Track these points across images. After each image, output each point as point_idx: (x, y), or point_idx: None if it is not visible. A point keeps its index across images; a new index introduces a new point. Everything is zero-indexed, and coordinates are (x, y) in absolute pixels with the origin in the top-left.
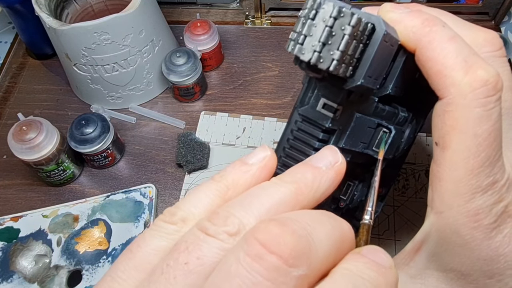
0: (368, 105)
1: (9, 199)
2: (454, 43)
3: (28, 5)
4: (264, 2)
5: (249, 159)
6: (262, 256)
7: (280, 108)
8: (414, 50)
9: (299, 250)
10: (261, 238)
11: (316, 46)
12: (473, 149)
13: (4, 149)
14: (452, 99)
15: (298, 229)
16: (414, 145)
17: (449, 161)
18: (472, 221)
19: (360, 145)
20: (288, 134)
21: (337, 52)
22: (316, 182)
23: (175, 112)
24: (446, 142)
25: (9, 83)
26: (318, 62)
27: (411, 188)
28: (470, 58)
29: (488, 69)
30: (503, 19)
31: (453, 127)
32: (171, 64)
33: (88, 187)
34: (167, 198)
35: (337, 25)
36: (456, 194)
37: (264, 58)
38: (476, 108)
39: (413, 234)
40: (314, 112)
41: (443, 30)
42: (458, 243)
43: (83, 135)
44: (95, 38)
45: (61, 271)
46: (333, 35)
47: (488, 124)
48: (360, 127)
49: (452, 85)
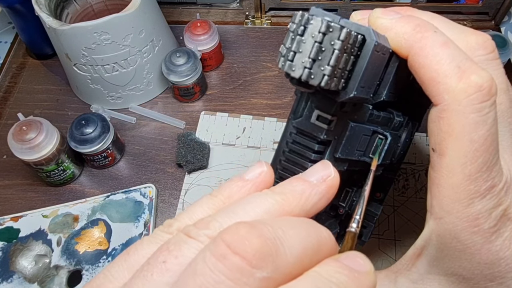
0: (363, 113)
1: (9, 199)
2: (446, 48)
3: (28, 5)
4: (264, 2)
5: (246, 174)
6: (226, 256)
7: (280, 108)
8: (406, 57)
9: (264, 252)
10: (227, 239)
11: (306, 62)
12: (470, 154)
13: (4, 149)
14: (446, 106)
15: (266, 232)
16: (414, 145)
17: (447, 168)
18: (471, 226)
19: (356, 153)
20: (283, 147)
21: (328, 67)
22: (305, 195)
23: (175, 112)
24: (443, 148)
25: (9, 83)
26: (309, 79)
27: (411, 188)
28: (463, 64)
29: (482, 74)
30: (503, 19)
31: (449, 133)
32: (171, 64)
33: (88, 187)
34: (167, 198)
35: (326, 40)
36: (454, 200)
37: (264, 58)
38: (471, 114)
39: (413, 234)
40: (308, 124)
41: (435, 35)
42: (458, 248)
43: (83, 135)
44: (95, 38)
45: (61, 271)
46: (323, 51)
47: (484, 129)
48: (356, 136)
49: (446, 92)
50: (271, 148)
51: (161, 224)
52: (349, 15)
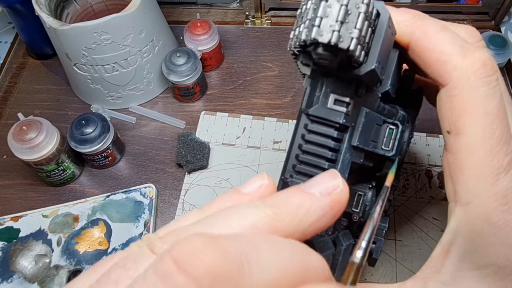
0: (374, 100)
1: (9, 199)
2: (446, 32)
3: (28, 5)
4: (264, 2)
5: (244, 187)
6: (169, 274)
7: (280, 108)
8: (407, 44)
9: (222, 272)
10: (175, 253)
11: (335, 25)
12: (487, 127)
13: (4, 149)
14: (456, 83)
15: (229, 248)
16: (414, 145)
17: (466, 146)
18: (502, 204)
19: (371, 144)
20: (298, 140)
21: (355, 30)
22: (302, 210)
23: (175, 112)
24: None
25: (9, 83)
26: (339, 42)
27: (411, 188)
28: (464, 44)
29: (483, 51)
30: (503, 19)
31: (463, 109)
32: (171, 64)
33: (88, 187)
34: (167, 198)
35: (351, 3)
36: (480, 179)
37: (264, 58)
38: (482, 87)
39: (413, 234)
40: (325, 110)
41: (434, 21)
42: (491, 232)
43: (83, 135)
44: (95, 38)
45: (61, 271)
46: (349, 14)
47: (495, 101)
48: (370, 123)
49: (454, 69)
50: (271, 148)
51: (161, 224)
52: None
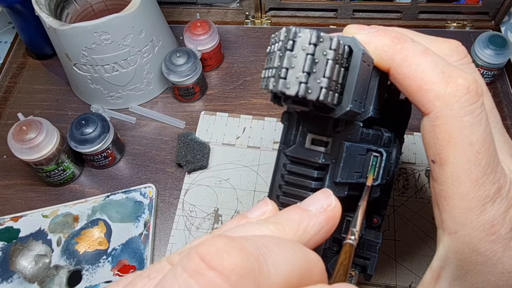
0: (355, 131)
1: (9, 199)
2: (427, 56)
3: (28, 5)
4: (264, 2)
5: (251, 212)
6: (199, 271)
7: (280, 108)
8: (387, 69)
9: (246, 268)
10: (202, 251)
11: (301, 77)
12: (473, 158)
13: (4, 149)
14: (439, 112)
15: (248, 247)
16: (414, 145)
17: (451, 177)
18: (489, 234)
19: (355, 175)
20: (278, 180)
21: (324, 79)
22: (302, 225)
23: (175, 112)
24: (443, 157)
25: (9, 83)
26: (307, 94)
27: (411, 188)
28: (446, 69)
29: (466, 76)
30: (503, 19)
31: (447, 140)
32: (171, 64)
33: (88, 187)
34: (167, 198)
35: (318, 51)
36: (466, 210)
37: (264, 58)
38: (465, 116)
39: (413, 234)
40: (303, 150)
41: (414, 45)
42: (479, 261)
43: (83, 135)
44: (95, 38)
45: (61, 271)
46: (316, 63)
47: (480, 130)
48: (352, 156)
49: (436, 98)
50: (271, 148)
51: (161, 224)
52: (350, 15)
